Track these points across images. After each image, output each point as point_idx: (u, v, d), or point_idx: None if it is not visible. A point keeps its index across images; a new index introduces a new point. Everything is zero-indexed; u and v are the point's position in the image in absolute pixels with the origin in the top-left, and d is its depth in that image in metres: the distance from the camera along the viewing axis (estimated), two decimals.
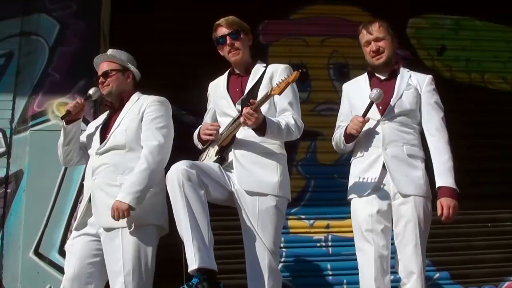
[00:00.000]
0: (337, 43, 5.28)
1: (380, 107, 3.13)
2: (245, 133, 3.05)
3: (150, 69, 4.69)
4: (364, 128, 3.09)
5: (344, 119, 3.29)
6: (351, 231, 3.24)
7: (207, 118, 3.36)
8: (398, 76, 3.21)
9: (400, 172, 3.04)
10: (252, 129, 2.91)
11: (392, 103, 3.12)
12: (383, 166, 3.07)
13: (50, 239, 4.02)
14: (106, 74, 3.32)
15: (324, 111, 4.98)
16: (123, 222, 2.96)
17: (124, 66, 3.38)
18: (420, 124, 3.18)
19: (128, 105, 3.31)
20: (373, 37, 3.19)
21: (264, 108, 2.97)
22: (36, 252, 3.99)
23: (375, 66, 3.25)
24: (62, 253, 3.87)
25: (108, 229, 3.02)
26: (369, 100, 3.06)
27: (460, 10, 5.53)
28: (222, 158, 3.05)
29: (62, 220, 4.07)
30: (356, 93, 3.28)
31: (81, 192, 4.11)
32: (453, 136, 4.98)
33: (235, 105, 3.11)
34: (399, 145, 3.08)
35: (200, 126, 3.27)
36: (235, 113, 3.05)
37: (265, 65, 3.21)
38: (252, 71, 3.18)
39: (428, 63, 5.41)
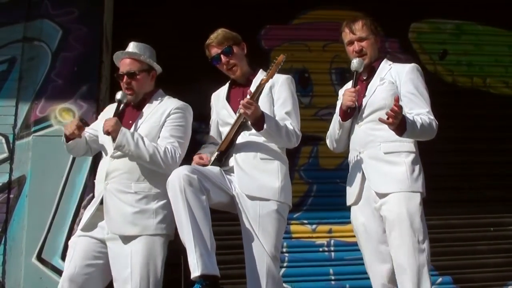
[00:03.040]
0: (338, 48, 5.19)
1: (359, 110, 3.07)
2: (246, 138, 3.05)
3: None
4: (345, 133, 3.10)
5: None
6: (354, 236, 3.23)
7: (212, 128, 3.37)
8: (375, 74, 3.10)
9: (378, 173, 2.94)
10: (251, 124, 2.90)
11: (364, 103, 3.04)
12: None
13: (52, 245, 4.03)
14: (132, 75, 3.19)
15: (326, 116, 4.96)
16: (136, 230, 2.98)
17: (149, 65, 3.28)
18: None
19: (149, 106, 3.23)
20: (356, 37, 3.11)
21: None
22: (39, 258, 4.00)
23: None
24: (64, 258, 3.87)
25: (121, 237, 3.01)
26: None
27: (462, 15, 5.53)
28: (219, 159, 3.04)
29: (64, 225, 4.08)
30: None
31: (84, 197, 4.13)
32: (455, 141, 5.06)
33: (236, 114, 3.09)
34: (375, 145, 2.97)
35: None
36: None
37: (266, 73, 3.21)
38: (254, 80, 3.15)
39: (430, 68, 5.41)
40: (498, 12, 5.50)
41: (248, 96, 2.90)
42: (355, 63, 3.02)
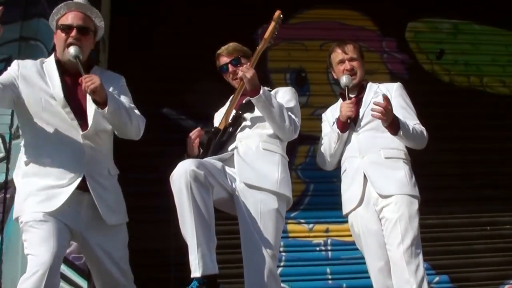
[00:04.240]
0: None
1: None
2: (248, 132, 3.08)
3: (149, 73, 4.72)
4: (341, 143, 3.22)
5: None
6: (350, 235, 3.27)
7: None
8: (366, 89, 3.33)
9: (380, 175, 3.08)
10: (248, 92, 2.96)
11: (361, 112, 3.22)
12: (365, 175, 3.11)
13: None
14: (84, 31, 2.77)
15: None
16: (118, 218, 2.82)
17: (96, 29, 2.88)
18: None
19: (94, 72, 2.76)
20: (348, 56, 3.32)
21: None
22: None
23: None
24: None
25: (103, 225, 2.77)
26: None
27: (459, 14, 5.56)
28: (216, 133, 3.07)
29: None
30: (336, 115, 3.30)
31: None
32: (452, 140, 5.07)
33: None
34: (376, 151, 3.13)
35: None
36: None
37: (269, 88, 3.23)
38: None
39: (427, 67, 5.42)
40: (495, 12, 5.52)
41: None
42: (344, 79, 3.22)
